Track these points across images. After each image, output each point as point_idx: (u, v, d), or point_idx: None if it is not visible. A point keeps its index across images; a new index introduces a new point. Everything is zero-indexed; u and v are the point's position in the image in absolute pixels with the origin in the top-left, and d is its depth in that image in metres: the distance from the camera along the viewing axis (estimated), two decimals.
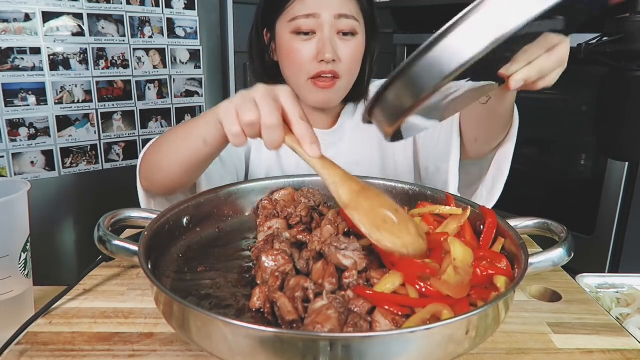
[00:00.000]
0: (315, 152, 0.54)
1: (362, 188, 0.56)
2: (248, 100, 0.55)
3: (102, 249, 0.56)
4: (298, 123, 0.55)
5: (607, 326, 0.59)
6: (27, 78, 1.48)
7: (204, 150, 0.67)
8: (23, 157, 1.51)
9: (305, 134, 0.54)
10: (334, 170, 0.56)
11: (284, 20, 0.89)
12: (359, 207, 0.54)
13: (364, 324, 0.46)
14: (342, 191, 0.55)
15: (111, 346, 0.53)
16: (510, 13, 0.38)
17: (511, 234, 0.57)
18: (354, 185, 0.56)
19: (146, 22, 1.68)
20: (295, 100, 0.56)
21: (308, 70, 0.89)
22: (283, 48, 0.91)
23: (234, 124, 0.56)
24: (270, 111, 0.54)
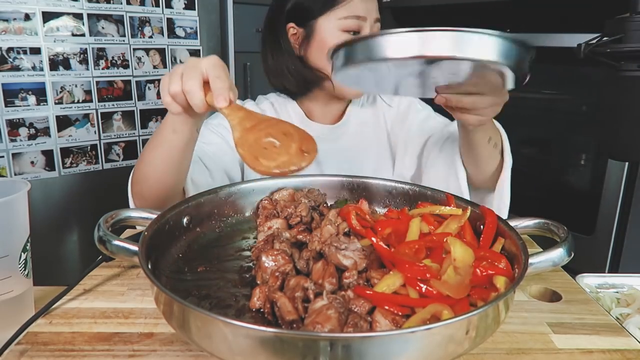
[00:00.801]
0: (221, 103, 0.60)
1: (255, 123, 0.61)
2: (176, 73, 0.63)
3: (102, 249, 0.56)
4: (212, 81, 0.61)
5: (607, 326, 0.59)
6: (27, 78, 1.48)
7: (177, 140, 0.72)
8: (23, 157, 1.51)
9: (215, 88, 0.61)
10: (236, 114, 0.61)
11: (331, 17, 0.95)
12: (244, 143, 0.58)
13: (364, 324, 0.46)
14: (235, 133, 0.60)
15: (111, 346, 0.53)
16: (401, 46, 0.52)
17: (511, 234, 0.57)
18: (247, 123, 0.61)
19: (146, 22, 1.68)
20: (215, 64, 0.62)
21: None
22: (327, 43, 0.95)
23: (166, 95, 0.64)
24: (189, 78, 0.61)
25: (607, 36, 0.66)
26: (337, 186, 0.80)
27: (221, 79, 0.61)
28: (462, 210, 0.64)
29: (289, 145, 0.59)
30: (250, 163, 0.56)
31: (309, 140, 0.60)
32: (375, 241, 0.56)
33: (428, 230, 0.62)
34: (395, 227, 0.61)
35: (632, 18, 0.65)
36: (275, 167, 0.56)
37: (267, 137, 0.59)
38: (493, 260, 0.53)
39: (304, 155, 0.58)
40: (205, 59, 0.63)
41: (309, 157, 0.58)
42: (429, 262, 0.53)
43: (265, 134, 0.60)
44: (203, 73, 0.62)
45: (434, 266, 0.52)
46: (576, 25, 1.40)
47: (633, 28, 0.65)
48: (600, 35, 0.67)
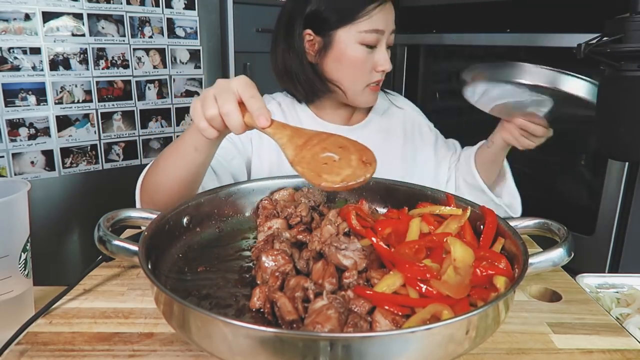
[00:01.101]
0: (263, 122, 0.60)
1: (306, 140, 0.59)
2: (209, 96, 0.62)
3: (102, 249, 0.56)
4: (248, 101, 0.61)
5: (607, 326, 0.59)
6: (27, 78, 1.48)
7: (197, 158, 0.72)
8: (23, 157, 1.51)
9: (254, 108, 0.60)
10: (282, 132, 0.60)
11: (351, 30, 0.94)
12: (301, 161, 0.57)
13: (364, 324, 0.46)
14: (288, 151, 0.58)
15: (111, 346, 0.53)
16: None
17: (511, 234, 0.57)
18: (298, 140, 0.59)
19: (146, 22, 1.68)
20: (248, 85, 0.62)
21: (368, 78, 0.98)
22: (346, 55, 0.96)
23: (201, 120, 0.63)
24: (224, 100, 0.61)
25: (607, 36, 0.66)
26: None
27: (257, 98, 0.61)
28: (462, 210, 0.64)
29: (349, 158, 0.57)
30: (313, 180, 0.55)
31: (367, 151, 0.59)
32: (375, 241, 0.56)
33: (428, 230, 0.62)
34: (395, 227, 0.61)
35: (632, 18, 0.65)
36: (341, 181, 0.54)
37: (323, 152, 0.58)
38: (493, 260, 0.53)
39: (367, 166, 0.56)
40: (234, 79, 0.62)
41: (372, 167, 0.56)
42: (429, 262, 0.53)
43: (321, 149, 0.58)
44: (236, 94, 0.61)
45: (434, 266, 0.52)
46: (576, 25, 1.40)
47: (633, 28, 0.65)
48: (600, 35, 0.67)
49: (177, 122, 1.82)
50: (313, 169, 0.56)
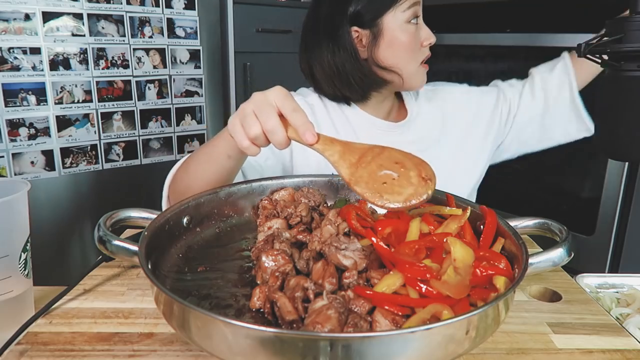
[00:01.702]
0: (311, 139, 0.58)
1: (360, 157, 0.57)
2: (249, 113, 0.60)
3: (102, 249, 0.56)
4: (291, 115, 0.59)
5: (607, 326, 0.59)
6: (27, 78, 1.48)
7: (229, 164, 0.74)
8: (23, 157, 1.51)
9: (299, 124, 0.58)
10: (332, 148, 0.58)
11: (396, 11, 0.93)
12: (358, 180, 0.55)
13: (364, 324, 0.46)
14: (342, 169, 0.57)
15: (111, 346, 0.53)
16: None
17: (511, 234, 0.57)
18: (351, 157, 0.57)
19: (146, 22, 1.68)
20: (287, 97, 0.60)
21: (419, 56, 0.97)
22: (398, 38, 0.94)
23: (243, 139, 0.61)
24: (267, 117, 0.59)
25: (607, 36, 0.66)
26: (337, 186, 0.80)
27: (299, 112, 0.59)
28: (462, 211, 0.64)
29: (408, 175, 0.55)
30: (375, 202, 0.53)
31: (424, 165, 0.57)
32: (375, 241, 0.56)
33: (428, 230, 0.62)
34: (395, 227, 0.61)
35: (632, 18, 0.65)
36: (404, 201, 0.53)
37: (380, 169, 0.56)
38: (493, 260, 0.53)
39: (427, 183, 0.55)
40: (271, 91, 0.60)
41: (432, 183, 0.55)
42: (428, 262, 0.53)
43: (378, 167, 0.56)
44: (276, 108, 0.59)
45: (434, 266, 0.52)
46: (576, 25, 1.40)
47: (633, 28, 0.65)
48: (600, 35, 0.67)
49: (177, 122, 1.82)
50: (373, 189, 0.54)
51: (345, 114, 1.03)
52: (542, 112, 1.07)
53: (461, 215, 0.63)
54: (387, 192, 0.54)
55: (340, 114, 1.03)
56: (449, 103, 1.10)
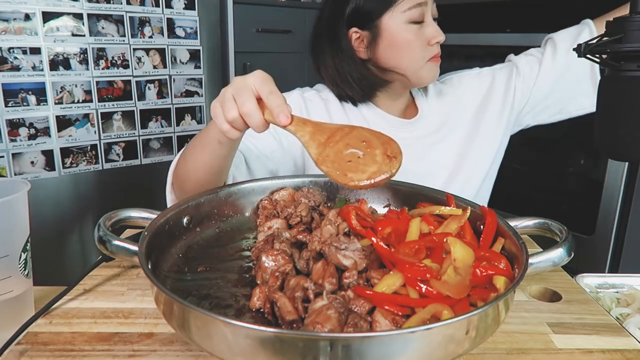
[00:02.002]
0: (284, 120, 0.59)
1: (329, 136, 0.58)
2: (228, 97, 0.61)
3: (102, 249, 0.56)
4: (267, 98, 0.60)
5: (607, 326, 0.59)
6: (27, 78, 1.48)
7: (222, 150, 0.73)
8: (23, 157, 1.51)
9: (273, 105, 0.59)
10: (304, 129, 0.59)
11: (395, 12, 0.94)
12: (325, 160, 0.56)
13: (364, 324, 0.46)
14: (311, 149, 0.57)
15: (111, 346, 0.53)
16: None
17: (511, 234, 0.57)
18: (320, 137, 0.58)
19: (146, 22, 1.68)
20: (263, 79, 0.61)
21: (425, 55, 0.96)
22: (398, 39, 0.95)
23: (223, 122, 0.63)
24: (244, 100, 0.60)
25: (607, 36, 0.66)
26: (337, 186, 0.80)
27: (275, 94, 0.60)
28: (462, 211, 0.64)
29: (373, 153, 0.56)
30: (339, 180, 0.54)
31: (391, 143, 0.57)
32: (375, 241, 0.56)
33: (428, 230, 0.62)
34: (395, 227, 0.61)
35: (632, 18, 0.65)
36: (366, 179, 0.53)
37: (347, 148, 0.56)
38: (493, 260, 0.53)
39: (392, 160, 0.55)
40: (251, 75, 0.61)
41: (397, 160, 0.55)
42: (428, 263, 0.53)
43: (345, 146, 0.57)
44: (254, 91, 0.60)
45: (434, 266, 0.52)
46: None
47: (633, 28, 0.65)
48: (601, 35, 0.67)
49: (177, 122, 1.82)
50: (338, 168, 0.55)
51: (360, 110, 1.04)
52: (561, 80, 1.04)
53: (461, 215, 0.63)
54: (352, 171, 0.54)
55: (355, 110, 1.03)
56: (459, 91, 1.10)
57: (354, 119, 1.03)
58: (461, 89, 1.10)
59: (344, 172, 0.54)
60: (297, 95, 1.04)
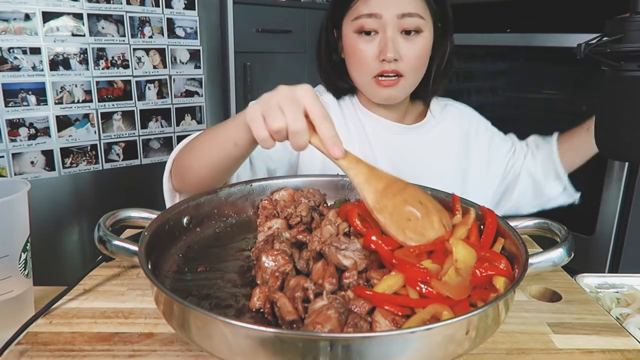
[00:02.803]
0: (338, 153, 0.55)
1: (386, 185, 0.56)
2: (274, 106, 0.56)
3: (102, 249, 0.56)
4: (321, 124, 0.55)
5: (607, 326, 0.59)
6: (27, 78, 1.48)
7: (235, 152, 0.69)
8: (23, 157, 1.51)
9: (328, 135, 0.55)
10: (358, 169, 0.56)
11: (348, 19, 0.92)
12: (383, 209, 0.54)
13: (364, 324, 0.46)
14: (367, 193, 0.55)
15: (111, 346, 0.53)
16: None
17: (511, 234, 0.57)
18: (378, 184, 0.56)
19: (146, 22, 1.68)
20: (316, 99, 0.56)
21: (371, 69, 0.91)
22: (348, 47, 0.94)
23: (262, 130, 0.57)
24: (295, 117, 0.55)
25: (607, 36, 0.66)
26: (337, 186, 0.80)
27: (329, 121, 0.55)
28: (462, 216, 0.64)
29: (431, 219, 0.55)
30: (397, 236, 0.53)
31: (445, 213, 0.57)
32: (375, 240, 0.56)
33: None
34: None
35: (632, 18, 0.65)
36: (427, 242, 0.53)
37: (405, 205, 0.55)
38: (493, 260, 0.53)
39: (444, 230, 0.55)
40: (300, 89, 0.56)
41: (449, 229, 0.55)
42: (429, 263, 0.53)
43: (403, 202, 0.55)
44: (303, 108, 0.55)
45: (435, 267, 0.52)
46: (576, 25, 1.40)
47: (633, 28, 0.65)
48: (600, 35, 0.67)
49: (177, 122, 1.82)
50: (396, 223, 0.53)
51: (357, 114, 1.03)
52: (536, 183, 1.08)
53: (465, 218, 0.62)
54: (411, 230, 0.53)
55: (353, 113, 1.03)
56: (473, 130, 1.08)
57: (351, 121, 1.02)
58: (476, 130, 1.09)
59: (404, 230, 0.53)
60: None
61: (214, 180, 0.77)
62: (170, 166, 0.84)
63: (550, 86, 1.71)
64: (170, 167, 0.84)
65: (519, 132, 1.15)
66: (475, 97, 1.96)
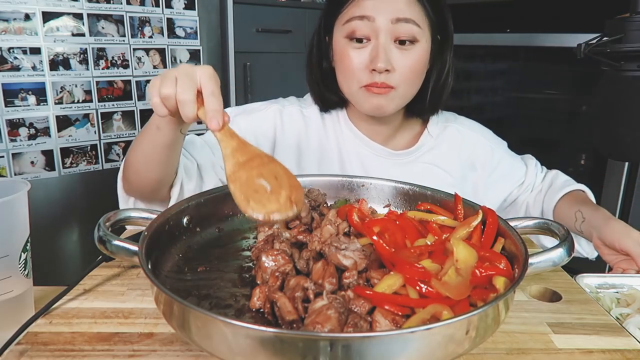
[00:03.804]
0: (215, 126, 0.58)
1: (248, 159, 0.59)
2: (170, 77, 0.60)
3: (102, 249, 0.56)
4: (208, 98, 0.59)
5: (607, 326, 0.59)
6: (27, 78, 1.48)
7: (159, 137, 0.71)
8: (23, 157, 1.51)
9: (210, 108, 0.58)
10: (229, 142, 0.59)
11: (340, 22, 0.87)
12: (236, 180, 0.57)
13: (364, 324, 0.46)
14: (227, 164, 0.58)
15: (111, 346, 0.53)
16: None
17: (511, 234, 0.57)
18: (241, 157, 0.59)
19: (146, 22, 1.68)
20: (212, 79, 0.60)
21: (360, 78, 0.86)
22: (337, 53, 0.89)
23: (155, 96, 0.62)
24: (185, 88, 0.59)
25: (607, 36, 0.66)
26: (337, 186, 0.80)
27: (216, 96, 0.59)
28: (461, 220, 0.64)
29: (279, 193, 0.56)
30: (240, 204, 0.55)
31: (298, 190, 0.58)
32: (376, 240, 0.56)
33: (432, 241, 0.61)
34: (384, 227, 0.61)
35: (632, 18, 0.65)
36: (263, 214, 0.54)
37: (259, 177, 0.57)
38: (493, 260, 0.53)
39: (292, 206, 0.56)
40: (200, 68, 0.60)
41: (297, 208, 0.56)
42: (429, 263, 0.53)
43: (258, 174, 0.57)
44: (197, 84, 0.59)
45: (435, 267, 0.52)
46: (576, 25, 1.40)
47: (633, 28, 0.65)
48: (600, 35, 0.67)
49: None
50: (244, 193, 0.56)
51: (342, 129, 0.98)
52: None
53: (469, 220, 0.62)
54: (255, 201, 0.55)
55: (338, 128, 0.98)
56: (474, 158, 1.00)
57: (334, 141, 0.97)
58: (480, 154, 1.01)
59: (248, 200, 0.55)
60: (276, 110, 0.98)
61: (153, 175, 0.77)
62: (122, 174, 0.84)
63: (550, 86, 1.71)
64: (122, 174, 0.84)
65: (519, 132, 1.15)
66: (475, 97, 1.97)
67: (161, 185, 0.81)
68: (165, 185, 0.81)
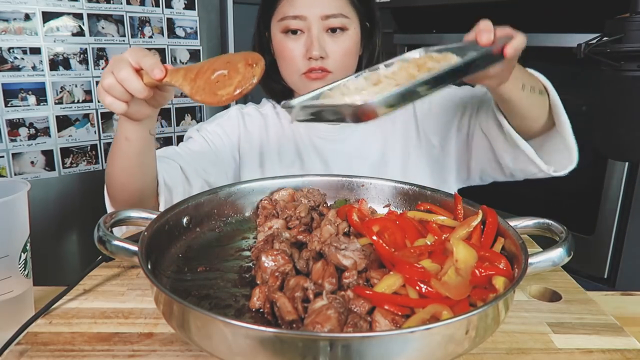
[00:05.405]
0: (158, 74, 0.62)
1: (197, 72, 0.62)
2: (105, 72, 0.65)
3: (102, 249, 0.56)
4: (142, 60, 0.63)
5: (607, 326, 0.59)
6: (27, 78, 1.48)
7: (128, 148, 0.74)
8: (23, 157, 1.51)
9: (147, 65, 0.63)
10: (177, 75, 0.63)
11: (275, 20, 0.96)
12: (198, 90, 0.60)
13: (364, 324, 0.46)
14: (184, 88, 0.62)
15: (111, 346, 0.53)
16: None
17: (511, 234, 0.57)
18: (191, 74, 0.62)
19: (146, 22, 1.68)
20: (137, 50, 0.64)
21: (299, 67, 0.94)
22: (276, 47, 0.97)
23: (103, 94, 0.65)
24: (118, 69, 0.63)
25: (607, 36, 0.66)
26: (337, 186, 0.80)
27: (148, 56, 0.63)
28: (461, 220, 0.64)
29: (236, 67, 0.60)
30: (211, 101, 0.58)
31: (252, 53, 0.61)
32: (376, 240, 0.56)
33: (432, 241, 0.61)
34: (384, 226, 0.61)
35: (632, 18, 0.65)
36: (234, 89, 0.57)
37: (213, 73, 0.61)
38: (493, 260, 0.53)
39: (254, 67, 0.59)
40: (126, 51, 0.65)
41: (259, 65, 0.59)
42: (429, 263, 0.53)
43: (211, 72, 0.61)
44: (129, 62, 0.63)
45: (434, 267, 0.52)
46: (576, 25, 1.40)
47: (633, 28, 0.65)
48: (600, 35, 0.67)
49: (177, 122, 1.82)
50: (209, 92, 0.59)
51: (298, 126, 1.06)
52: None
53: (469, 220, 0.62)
54: (220, 88, 0.58)
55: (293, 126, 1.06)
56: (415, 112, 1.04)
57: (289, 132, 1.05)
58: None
59: (215, 92, 0.58)
60: (236, 110, 1.08)
61: (132, 186, 0.79)
62: (105, 187, 0.85)
63: None
64: (105, 188, 0.85)
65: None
66: None
67: (145, 196, 0.82)
68: (149, 195, 0.82)
